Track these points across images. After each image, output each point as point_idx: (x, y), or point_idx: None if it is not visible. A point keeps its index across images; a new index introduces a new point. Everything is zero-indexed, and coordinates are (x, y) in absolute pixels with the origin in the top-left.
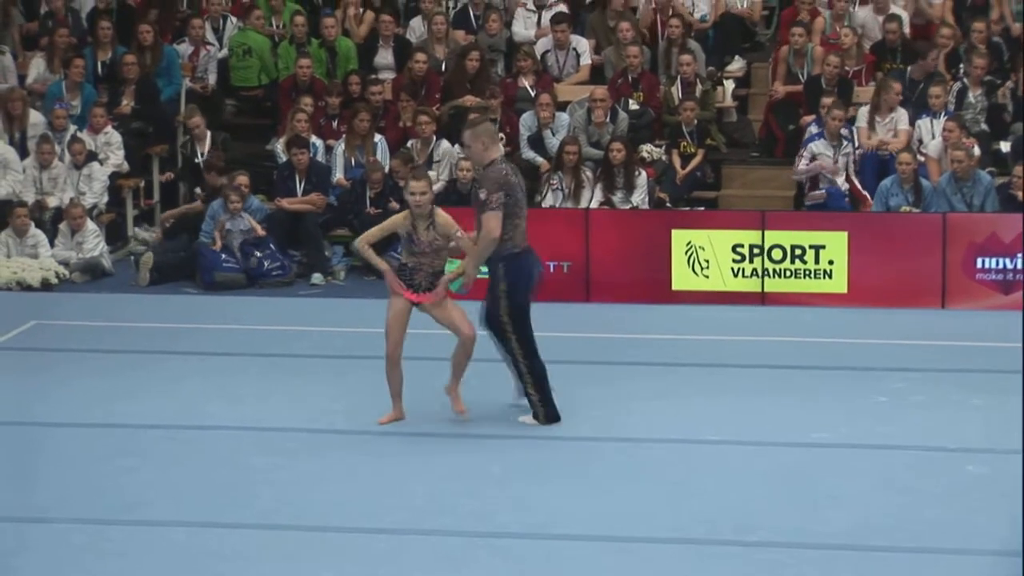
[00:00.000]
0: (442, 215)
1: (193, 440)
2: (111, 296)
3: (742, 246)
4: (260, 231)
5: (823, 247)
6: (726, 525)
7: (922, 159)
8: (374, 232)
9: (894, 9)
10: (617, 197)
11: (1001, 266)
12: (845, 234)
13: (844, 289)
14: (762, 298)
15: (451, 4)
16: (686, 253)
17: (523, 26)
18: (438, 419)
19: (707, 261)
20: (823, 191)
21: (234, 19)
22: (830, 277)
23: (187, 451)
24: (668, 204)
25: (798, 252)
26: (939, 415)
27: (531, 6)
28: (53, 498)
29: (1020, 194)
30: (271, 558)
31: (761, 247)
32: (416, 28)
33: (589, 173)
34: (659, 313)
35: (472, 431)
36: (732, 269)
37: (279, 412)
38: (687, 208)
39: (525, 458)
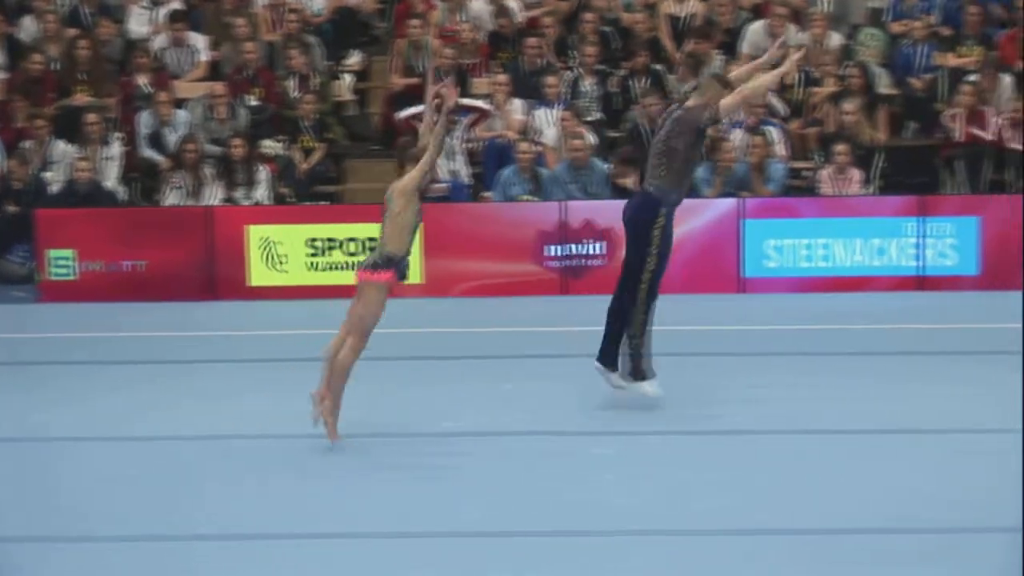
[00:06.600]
0: None
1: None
2: None
3: (318, 240)
4: None
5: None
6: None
7: (540, 148)
8: None
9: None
10: (239, 193)
11: (565, 253)
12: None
13: (420, 280)
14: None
15: (61, 2)
16: (260, 248)
17: (138, 24)
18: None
19: (285, 256)
20: (445, 184)
21: None
22: None
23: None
24: (292, 199)
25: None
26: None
27: (145, 3)
28: None
29: (627, 182)
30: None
31: (338, 241)
32: (28, 27)
33: (210, 170)
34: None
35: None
36: (307, 263)
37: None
38: (309, 203)
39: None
